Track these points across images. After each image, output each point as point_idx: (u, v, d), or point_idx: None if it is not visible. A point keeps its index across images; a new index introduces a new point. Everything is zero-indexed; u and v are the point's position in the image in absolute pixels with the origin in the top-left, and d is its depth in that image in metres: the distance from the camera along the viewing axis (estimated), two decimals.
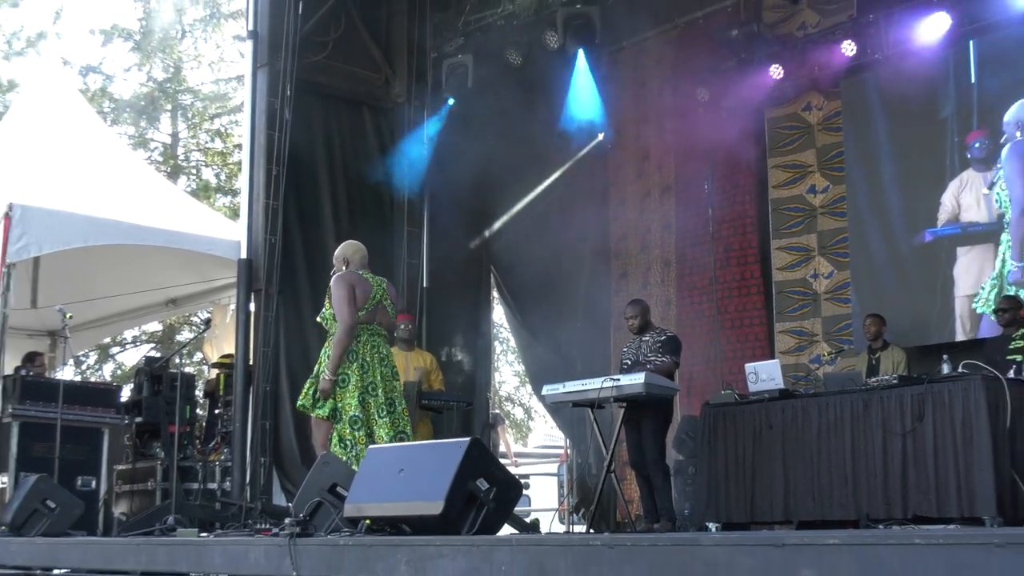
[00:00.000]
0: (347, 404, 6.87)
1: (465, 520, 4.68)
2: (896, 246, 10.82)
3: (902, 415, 7.52)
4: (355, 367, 6.93)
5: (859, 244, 11.07)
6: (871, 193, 11.02)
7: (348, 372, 6.91)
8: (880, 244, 10.92)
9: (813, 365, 11.13)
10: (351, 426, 6.84)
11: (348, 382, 6.90)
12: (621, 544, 3.79)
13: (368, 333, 7.05)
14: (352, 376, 6.91)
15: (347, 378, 6.91)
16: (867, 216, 11.01)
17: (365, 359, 6.98)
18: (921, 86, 10.67)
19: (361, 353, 6.97)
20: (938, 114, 10.63)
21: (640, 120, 13.21)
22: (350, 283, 7.04)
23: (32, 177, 10.90)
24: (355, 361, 6.94)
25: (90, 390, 10.74)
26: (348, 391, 6.89)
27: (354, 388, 6.89)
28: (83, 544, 6.92)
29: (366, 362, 6.97)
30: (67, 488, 8.56)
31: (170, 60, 25.54)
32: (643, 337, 8.67)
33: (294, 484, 9.90)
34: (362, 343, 7.00)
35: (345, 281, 7.04)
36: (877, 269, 10.90)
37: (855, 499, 7.66)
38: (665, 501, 8.23)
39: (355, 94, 11.95)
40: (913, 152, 10.78)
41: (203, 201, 19.80)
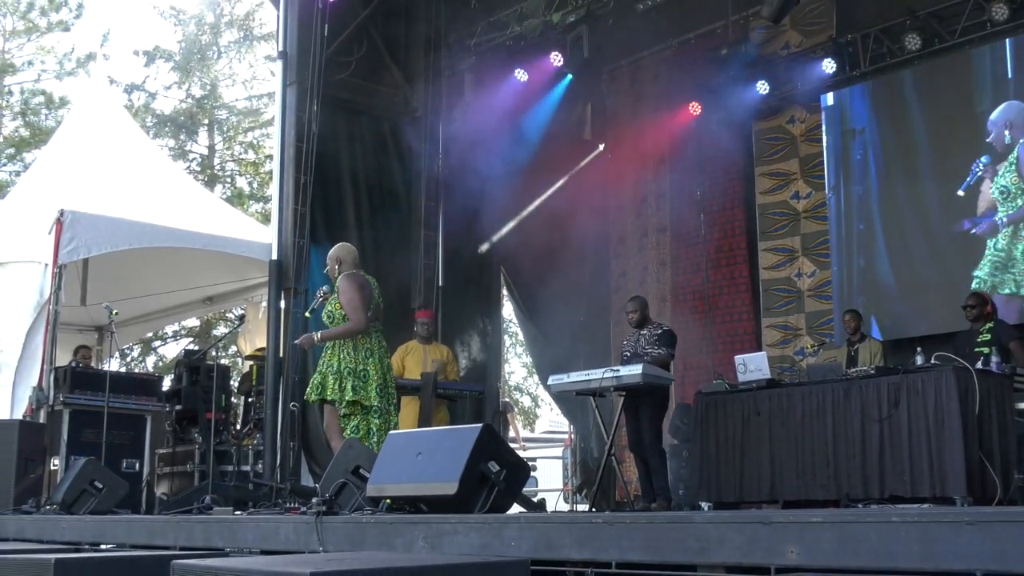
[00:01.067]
0: (370, 396, 6.88)
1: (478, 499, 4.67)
2: (935, 237, 10.60)
3: (879, 402, 7.49)
4: (372, 362, 6.95)
5: (897, 236, 10.85)
6: (909, 185, 10.82)
7: (368, 368, 6.93)
8: (918, 235, 10.70)
9: (797, 357, 11.12)
10: (373, 415, 6.88)
11: (368, 376, 6.91)
12: (621, 522, 3.78)
13: (375, 330, 7.09)
14: (372, 370, 6.92)
15: (367, 373, 6.92)
16: (905, 209, 10.82)
17: (379, 355, 7.02)
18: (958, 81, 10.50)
19: (375, 350, 7.00)
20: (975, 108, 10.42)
21: (638, 131, 13.19)
22: (360, 284, 7.03)
23: (81, 186, 10.92)
24: (371, 357, 6.96)
25: (134, 380, 10.73)
26: (369, 384, 6.90)
27: (373, 381, 6.90)
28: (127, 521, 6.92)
29: (380, 357, 7.02)
30: (113, 470, 8.56)
31: (207, 79, 25.57)
32: (641, 331, 8.65)
33: (320, 466, 9.90)
34: (374, 339, 7.03)
35: (356, 282, 7.02)
36: (917, 260, 10.68)
37: (836, 480, 7.63)
38: (661, 482, 8.20)
39: (376, 108, 11.94)
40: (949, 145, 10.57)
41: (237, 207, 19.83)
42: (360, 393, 6.88)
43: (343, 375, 6.93)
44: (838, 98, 11.40)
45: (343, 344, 7.01)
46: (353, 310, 6.92)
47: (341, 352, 7.00)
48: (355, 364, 6.93)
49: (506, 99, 12.11)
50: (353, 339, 6.98)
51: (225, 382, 10.55)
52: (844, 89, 11.30)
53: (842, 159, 11.30)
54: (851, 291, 11.03)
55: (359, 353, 6.97)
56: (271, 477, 9.30)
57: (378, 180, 11.78)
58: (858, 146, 11.19)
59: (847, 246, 11.15)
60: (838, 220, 11.24)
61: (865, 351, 9.47)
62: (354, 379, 6.90)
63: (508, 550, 4.04)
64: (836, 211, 11.28)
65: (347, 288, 6.99)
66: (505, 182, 12.06)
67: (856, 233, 11.09)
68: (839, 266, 11.17)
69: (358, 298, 6.93)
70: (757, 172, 12.06)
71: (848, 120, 11.32)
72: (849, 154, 11.26)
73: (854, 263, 11.07)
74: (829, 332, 11.07)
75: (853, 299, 10.85)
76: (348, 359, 6.96)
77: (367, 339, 7.00)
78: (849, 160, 11.25)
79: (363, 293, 6.99)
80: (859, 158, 11.17)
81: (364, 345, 6.98)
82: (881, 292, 10.89)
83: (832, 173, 11.36)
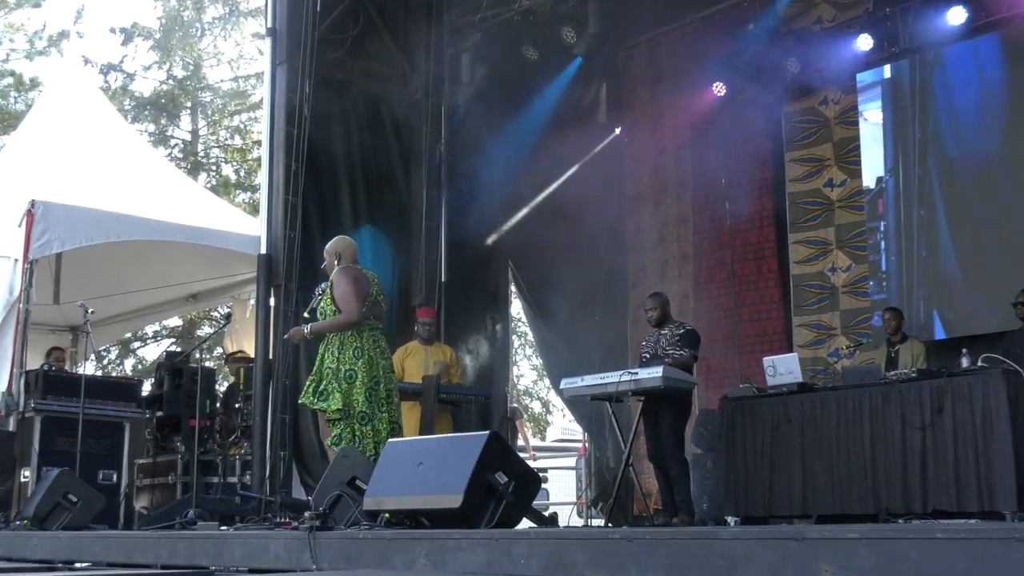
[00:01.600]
0: (355, 400, 6.88)
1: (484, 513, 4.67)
2: (1008, 223, 10.39)
3: (921, 409, 7.48)
4: (362, 363, 6.94)
5: (963, 223, 10.67)
6: (977, 168, 10.66)
7: (356, 368, 6.91)
8: (988, 222, 10.52)
9: (831, 359, 11.09)
10: (359, 421, 6.87)
11: (356, 378, 6.90)
12: (640, 538, 3.77)
13: (369, 328, 7.07)
14: (360, 372, 6.91)
15: (354, 374, 6.90)
16: (971, 192, 10.67)
17: (370, 355, 6.99)
18: None
19: (366, 349, 6.98)
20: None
21: (656, 115, 13.17)
22: (355, 277, 7.05)
23: (54, 174, 10.94)
24: (361, 357, 6.95)
25: (111, 385, 10.75)
26: (356, 387, 6.90)
27: (361, 384, 6.90)
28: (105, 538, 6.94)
29: (371, 358, 6.99)
30: (89, 482, 8.58)
31: (190, 58, 25.60)
32: (662, 330, 8.64)
33: (313, 478, 9.90)
34: (365, 338, 7.02)
35: (351, 275, 7.04)
36: (987, 249, 10.48)
37: (874, 493, 7.62)
38: (683, 494, 8.20)
39: (373, 90, 11.94)
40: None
41: (223, 197, 19.85)
42: (335, 397, 6.87)
43: (322, 376, 6.95)
44: (895, 70, 11.29)
45: (330, 343, 7.02)
46: (345, 302, 6.93)
47: (326, 352, 7.01)
48: (338, 364, 6.93)
49: (514, 79, 12.09)
50: (340, 338, 6.98)
51: (210, 386, 10.57)
52: (902, 61, 11.16)
53: (899, 138, 11.20)
54: (910, 284, 10.88)
55: (345, 353, 6.95)
56: (260, 489, 9.30)
57: (375, 167, 11.78)
58: (916, 123, 11.07)
59: (905, 234, 11.02)
60: (896, 206, 11.12)
61: (906, 353, 9.44)
62: (332, 381, 6.90)
63: (517, 568, 4.04)
64: (894, 195, 11.17)
65: (341, 280, 7.01)
66: (513, 169, 12.04)
67: (916, 220, 10.96)
68: (896, 256, 11.05)
69: (351, 290, 6.94)
70: (787, 158, 12.02)
71: (903, 96, 11.20)
72: (907, 132, 11.15)
73: (914, 253, 10.93)
74: (866, 332, 11.03)
75: (913, 292, 10.77)
76: (331, 359, 6.97)
77: (357, 338, 6.99)
78: (907, 139, 11.14)
79: (358, 286, 6.99)
80: (918, 137, 11.06)
81: (352, 344, 6.97)
82: (945, 285, 10.73)
83: (888, 153, 11.26)
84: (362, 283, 7.06)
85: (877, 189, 11.29)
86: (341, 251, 7.27)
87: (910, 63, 11.11)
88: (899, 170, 11.16)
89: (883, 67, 11.36)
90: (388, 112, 12.04)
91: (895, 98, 11.28)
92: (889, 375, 7.96)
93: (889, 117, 11.30)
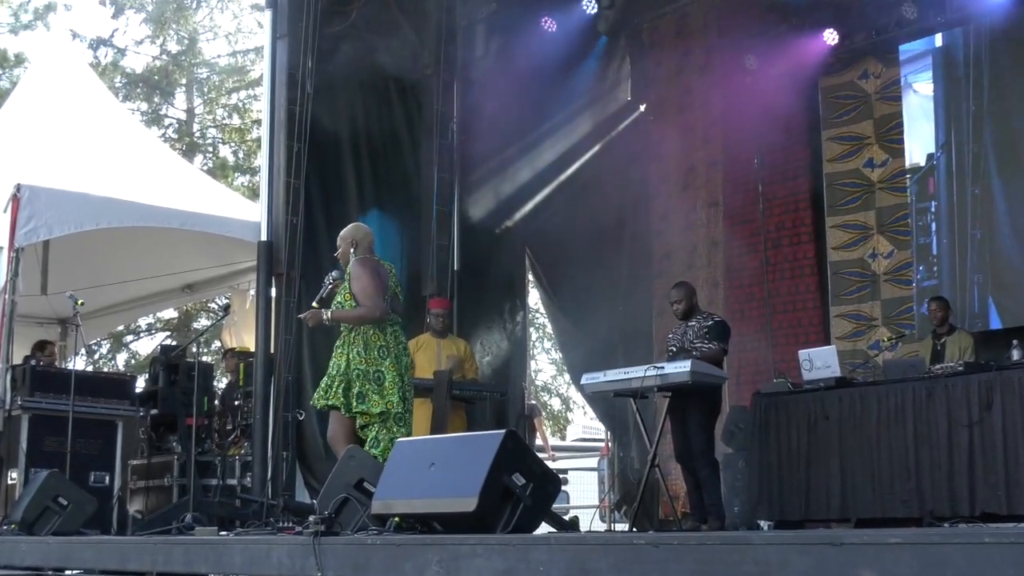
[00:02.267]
0: (389, 401, 6.86)
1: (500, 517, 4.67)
2: None
3: (968, 404, 7.47)
4: (389, 362, 6.92)
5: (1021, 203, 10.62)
6: None
7: (383, 369, 6.90)
8: None
9: (872, 351, 11.06)
10: (396, 423, 6.86)
11: (384, 379, 6.89)
12: (667, 543, 3.77)
13: (391, 324, 7.06)
14: (388, 372, 6.90)
15: (383, 375, 6.89)
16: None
17: (395, 353, 6.99)
18: None
19: (391, 347, 6.97)
20: None
21: (683, 91, 13.14)
22: (375, 269, 7.04)
23: (41, 157, 10.97)
24: (388, 356, 6.93)
25: (103, 381, 10.81)
26: (387, 388, 6.87)
27: (392, 384, 6.88)
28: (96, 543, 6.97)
29: (396, 356, 6.98)
30: (79, 484, 8.62)
31: (184, 32, 25.64)
32: (689, 322, 8.64)
33: (318, 480, 9.93)
34: (389, 335, 7.00)
35: (370, 267, 7.02)
36: None
37: (918, 495, 7.62)
38: (713, 497, 8.20)
39: (381, 65, 11.92)
40: None
41: (220, 180, 19.90)
42: (374, 399, 6.86)
43: (351, 379, 6.91)
44: (947, 39, 11.22)
45: (352, 343, 6.99)
46: (367, 297, 6.90)
47: (350, 352, 6.97)
48: (366, 366, 6.91)
49: (531, 53, 12.07)
50: (364, 337, 6.96)
51: (208, 382, 10.60)
52: (955, 29, 11.10)
53: (952, 112, 11.14)
54: (963, 268, 10.84)
55: (371, 352, 6.94)
56: (261, 492, 9.34)
57: (383, 148, 11.79)
58: (971, 96, 11.00)
59: (959, 215, 10.95)
60: (948, 184, 11.08)
61: (953, 345, 9.42)
62: (365, 383, 6.88)
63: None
64: (946, 173, 11.11)
65: (360, 273, 6.98)
66: (530, 150, 12.06)
67: (970, 199, 10.91)
68: (948, 239, 11.00)
69: (373, 284, 6.92)
70: (824, 136, 12.00)
71: (956, 66, 11.12)
72: (960, 105, 11.09)
73: (968, 235, 10.87)
74: (909, 322, 11.01)
75: (967, 277, 10.73)
76: (358, 359, 6.94)
77: (381, 336, 6.98)
78: (960, 113, 11.07)
79: (378, 280, 6.98)
80: (972, 110, 10.99)
81: (377, 343, 6.96)
82: (1002, 269, 10.64)
83: (940, 128, 11.21)
84: (381, 276, 7.05)
85: (927, 167, 11.24)
86: (359, 240, 7.24)
87: (963, 31, 11.05)
88: (951, 146, 11.10)
89: (934, 36, 11.29)
90: (396, 89, 12.05)
91: (947, 68, 11.20)
92: (934, 369, 7.95)
93: (941, 89, 11.24)
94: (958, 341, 9.46)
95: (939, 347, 9.50)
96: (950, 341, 9.48)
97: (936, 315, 9.68)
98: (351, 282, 7.01)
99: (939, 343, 9.55)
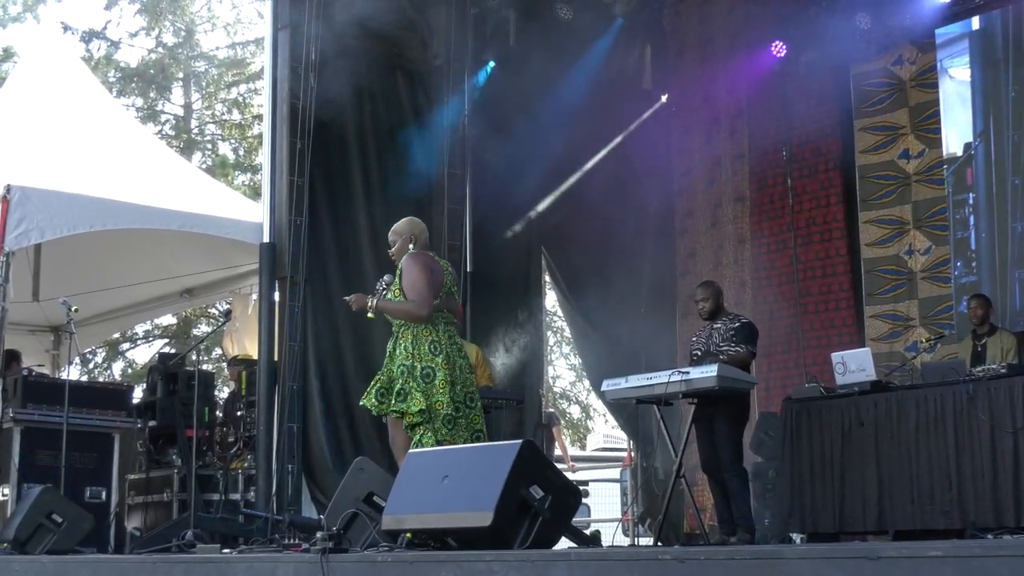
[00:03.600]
0: (437, 401, 6.73)
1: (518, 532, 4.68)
2: None
3: (1013, 409, 7.44)
4: (440, 360, 6.80)
5: None
6: None
7: (433, 366, 6.78)
8: None
9: (909, 353, 11.03)
10: (445, 425, 6.72)
11: (435, 377, 6.76)
12: (693, 558, 3.77)
13: (444, 322, 6.95)
14: (439, 370, 6.77)
15: (432, 372, 6.76)
16: None
17: (448, 351, 6.87)
18: None
19: (443, 344, 6.86)
20: None
21: (707, 80, 13.12)
22: (428, 265, 6.94)
23: (32, 156, 11.00)
24: (440, 354, 6.81)
25: (99, 391, 10.84)
26: (436, 386, 6.75)
27: (442, 384, 6.75)
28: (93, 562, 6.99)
29: (448, 354, 6.86)
30: (75, 500, 8.66)
31: (181, 23, 25.70)
32: (714, 324, 8.63)
33: (325, 494, 9.95)
34: (441, 332, 6.89)
35: (422, 263, 6.93)
36: None
37: (959, 505, 7.60)
38: (743, 509, 8.19)
39: (388, 57, 11.94)
40: None
41: (220, 179, 19.95)
42: (416, 397, 6.70)
43: (395, 376, 6.82)
44: (984, 21, 11.20)
45: (400, 337, 6.89)
46: (415, 292, 6.80)
47: (398, 348, 6.88)
48: (413, 361, 6.78)
49: (546, 42, 12.07)
50: (413, 332, 6.86)
51: (208, 392, 10.62)
52: (993, 12, 11.06)
53: (991, 98, 11.11)
54: (1004, 263, 10.80)
55: (420, 348, 6.81)
56: (266, 507, 9.36)
57: (391, 144, 11.79)
58: (1011, 81, 10.95)
59: (999, 207, 10.94)
60: (987, 174, 11.05)
61: (995, 346, 9.38)
62: (409, 380, 6.74)
63: None
64: (985, 163, 11.08)
65: (411, 268, 6.89)
66: (546, 144, 12.03)
67: (1011, 190, 10.88)
68: (987, 233, 10.97)
69: (423, 280, 6.82)
70: (856, 126, 11.98)
71: (995, 50, 11.08)
72: (999, 91, 11.06)
73: (1008, 227, 10.85)
74: (948, 322, 10.98)
75: (1008, 273, 10.71)
76: (404, 355, 6.82)
77: (432, 331, 6.86)
78: (1000, 99, 11.04)
79: (430, 276, 6.87)
80: (1013, 95, 10.95)
81: (428, 338, 6.83)
82: None
83: (978, 116, 11.18)
84: (436, 272, 6.97)
85: (965, 156, 11.22)
86: (416, 235, 7.17)
87: (1002, 13, 11.02)
88: (990, 134, 11.07)
89: (971, 19, 11.27)
90: (405, 81, 12.05)
91: (985, 52, 11.18)
92: (975, 371, 7.92)
93: (978, 74, 11.22)
94: (1000, 341, 9.42)
95: (980, 348, 9.47)
96: (991, 341, 9.45)
97: (976, 313, 9.63)
98: (402, 277, 6.91)
99: (979, 344, 9.51)
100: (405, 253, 7.07)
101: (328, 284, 10.90)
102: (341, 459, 10.26)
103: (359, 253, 11.22)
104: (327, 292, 10.85)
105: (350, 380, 10.86)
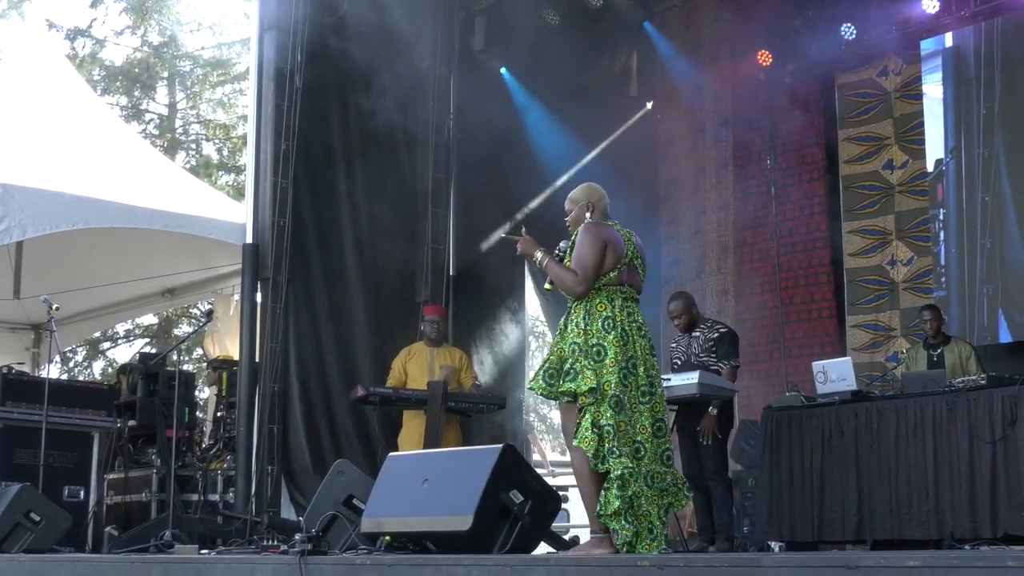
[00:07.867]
0: (606, 381, 5.91)
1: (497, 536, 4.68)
2: None
3: (991, 420, 7.46)
4: (613, 337, 6.00)
5: None
6: None
7: (605, 344, 5.98)
8: None
9: (890, 364, 11.07)
10: (613, 408, 5.84)
11: (605, 355, 5.95)
12: (672, 565, 3.78)
13: (622, 297, 6.17)
14: (610, 348, 5.96)
15: (603, 350, 5.96)
16: None
17: (625, 328, 6.08)
18: None
19: (619, 321, 6.07)
20: None
21: (693, 88, 13.13)
22: (603, 237, 6.20)
23: (14, 153, 10.97)
24: (613, 330, 6.02)
25: (78, 390, 10.80)
26: (606, 365, 5.93)
27: (612, 363, 5.93)
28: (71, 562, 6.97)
29: (626, 332, 6.08)
30: (53, 499, 8.62)
31: (166, 22, 25.65)
32: (692, 334, 8.61)
33: (305, 496, 9.94)
34: (617, 308, 6.11)
35: (598, 233, 6.22)
36: None
37: (937, 516, 7.62)
38: (725, 517, 8.19)
39: (374, 58, 11.93)
40: None
41: (204, 179, 19.92)
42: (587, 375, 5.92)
43: (566, 355, 6.06)
44: (957, 38, 11.25)
45: (573, 312, 6.17)
46: (580, 265, 6.10)
47: (569, 323, 6.14)
48: (585, 338, 6.03)
49: (533, 47, 12.07)
50: (587, 306, 6.11)
51: (189, 392, 10.59)
52: (967, 28, 11.11)
53: (962, 115, 11.16)
54: (973, 279, 10.85)
55: (593, 324, 6.05)
56: (245, 508, 9.34)
57: (375, 146, 11.78)
58: (982, 98, 11.02)
59: (968, 223, 10.97)
60: (957, 191, 11.09)
61: (951, 354, 9.29)
62: (580, 358, 5.98)
63: None
64: (956, 179, 11.12)
65: (583, 240, 6.19)
66: (531, 149, 12.04)
67: (980, 206, 10.92)
68: (957, 248, 11.02)
69: (592, 256, 6.10)
70: (841, 136, 12.01)
71: (966, 67, 11.14)
72: (971, 108, 11.11)
73: (977, 244, 10.89)
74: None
75: (976, 289, 10.74)
76: (575, 332, 6.07)
77: (608, 306, 6.09)
78: (971, 116, 11.09)
79: (604, 249, 6.16)
80: (983, 113, 11.02)
81: (602, 314, 6.07)
82: (1013, 280, 10.64)
83: (950, 132, 11.22)
84: (616, 243, 6.24)
85: (936, 172, 11.26)
86: (595, 202, 6.47)
87: (974, 30, 11.08)
88: (961, 150, 11.14)
89: (944, 35, 11.32)
90: (390, 84, 12.02)
91: (957, 69, 11.23)
92: (956, 382, 7.94)
93: (951, 91, 11.26)
94: (956, 349, 9.30)
95: (935, 358, 9.37)
96: (947, 350, 9.35)
97: (932, 325, 9.46)
98: (574, 247, 6.26)
99: (935, 353, 9.41)
100: (581, 222, 6.40)
101: (311, 286, 10.89)
102: (321, 461, 10.26)
103: (342, 255, 11.22)
104: (309, 294, 10.85)
105: (331, 382, 10.86)
